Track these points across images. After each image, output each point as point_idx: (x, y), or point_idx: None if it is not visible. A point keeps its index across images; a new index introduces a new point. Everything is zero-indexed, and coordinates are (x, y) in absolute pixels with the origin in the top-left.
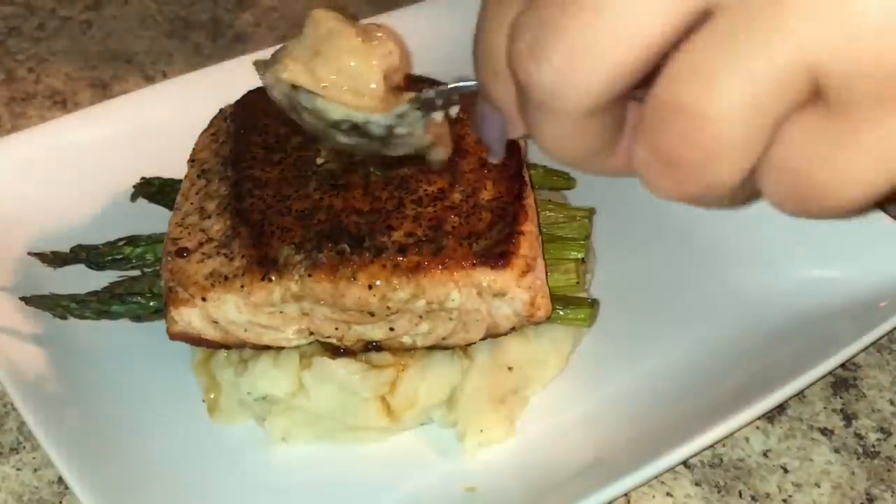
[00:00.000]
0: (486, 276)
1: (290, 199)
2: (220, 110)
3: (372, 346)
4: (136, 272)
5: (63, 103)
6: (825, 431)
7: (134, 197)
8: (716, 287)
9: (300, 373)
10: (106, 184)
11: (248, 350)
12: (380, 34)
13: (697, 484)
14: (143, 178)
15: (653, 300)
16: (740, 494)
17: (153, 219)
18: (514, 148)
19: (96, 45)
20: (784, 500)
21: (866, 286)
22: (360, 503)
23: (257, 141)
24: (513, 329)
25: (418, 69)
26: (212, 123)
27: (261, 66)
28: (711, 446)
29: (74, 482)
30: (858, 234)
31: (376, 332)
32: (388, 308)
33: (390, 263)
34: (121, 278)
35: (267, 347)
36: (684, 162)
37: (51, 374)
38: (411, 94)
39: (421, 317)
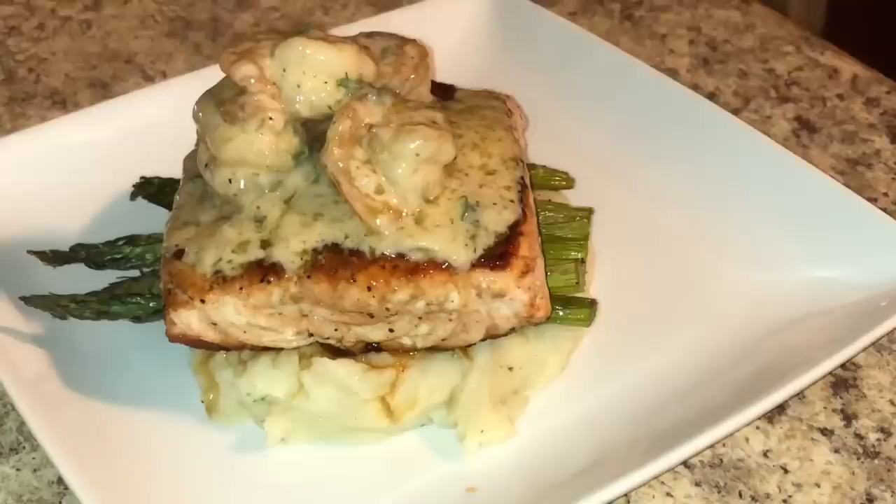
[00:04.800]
0: (486, 277)
1: None
2: None
3: (372, 347)
4: (136, 272)
5: (63, 103)
6: (825, 431)
7: (133, 197)
8: (716, 287)
9: (300, 374)
10: (106, 184)
11: (247, 351)
12: (253, 95)
13: (697, 484)
14: (142, 178)
15: (653, 300)
16: (740, 494)
17: (153, 219)
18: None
19: (96, 45)
20: (784, 501)
21: (866, 286)
22: (359, 503)
23: None
24: (513, 330)
25: None
26: None
27: None
28: (711, 446)
29: (74, 482)
30: (858, 234)
31: (376, 333)
32: (388, 309)
33: (389, 265)
34: (120, 279)
35: (266, 349)
36: None
37: (51, 374)
38: None
39: (420, 318)
